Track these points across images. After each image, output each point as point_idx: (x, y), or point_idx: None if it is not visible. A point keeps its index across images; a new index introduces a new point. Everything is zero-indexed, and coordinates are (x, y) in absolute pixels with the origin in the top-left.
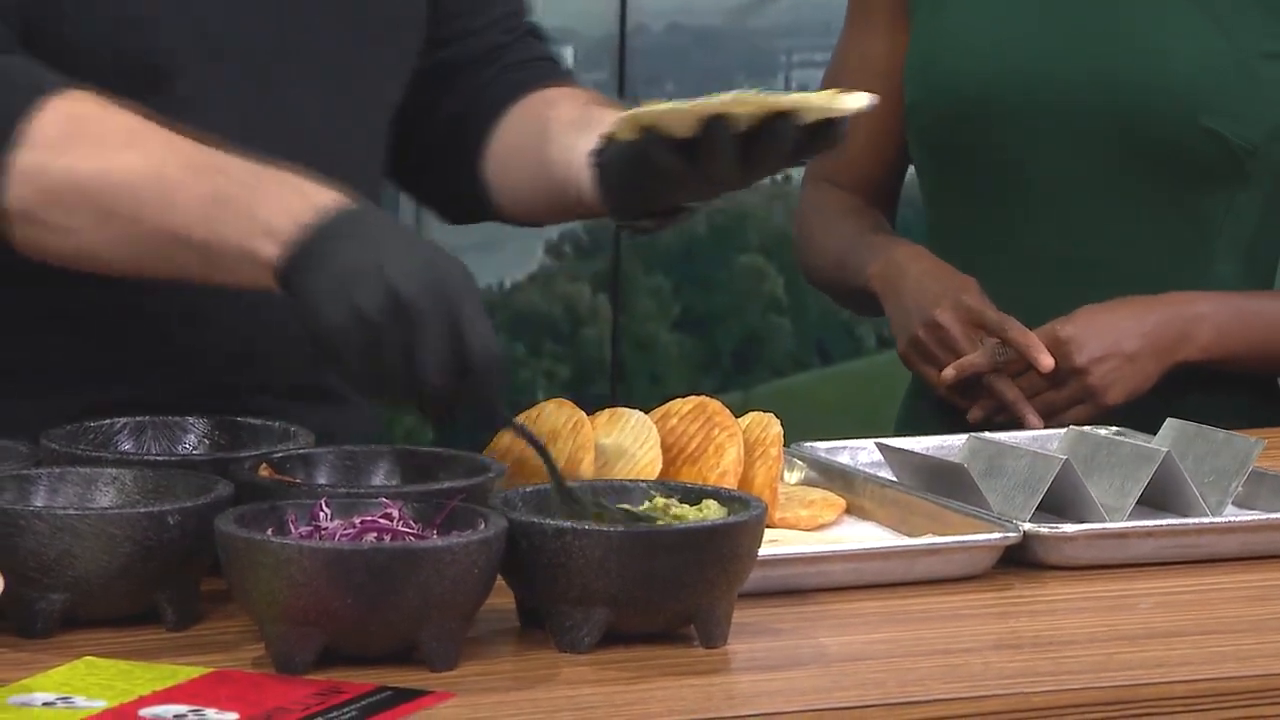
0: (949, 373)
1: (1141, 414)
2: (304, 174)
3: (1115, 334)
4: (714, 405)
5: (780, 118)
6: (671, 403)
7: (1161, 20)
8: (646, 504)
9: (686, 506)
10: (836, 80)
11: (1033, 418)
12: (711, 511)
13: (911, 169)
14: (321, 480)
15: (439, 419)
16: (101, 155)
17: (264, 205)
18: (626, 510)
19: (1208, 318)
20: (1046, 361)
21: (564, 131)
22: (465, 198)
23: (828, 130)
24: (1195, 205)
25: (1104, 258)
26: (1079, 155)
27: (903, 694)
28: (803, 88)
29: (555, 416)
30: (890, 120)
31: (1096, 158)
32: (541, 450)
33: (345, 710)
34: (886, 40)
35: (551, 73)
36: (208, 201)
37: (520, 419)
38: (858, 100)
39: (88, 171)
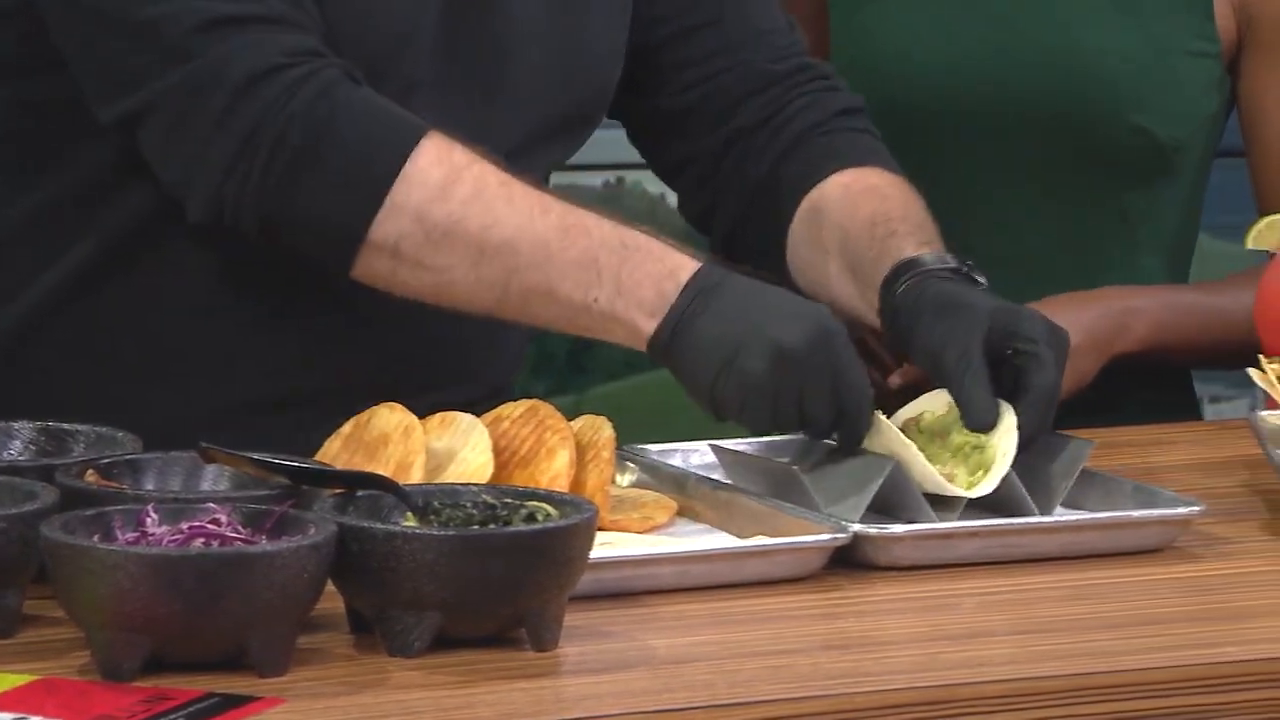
0: (895, 379)
1: (1080, 410)
2: (656, 236)
3: None
4: (546, 408)
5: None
6: (503, 406)
7: (1087, 19)
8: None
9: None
10: None
11: None
12: (543, 515)
13: None
14: (149, 486)
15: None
16: (482, 207)
17: (632, 275)
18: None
19: (1143, 311)
20: None
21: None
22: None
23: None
24: (1122, 201)
25: (1032, 254)
26: (1006, 153)
27: (730, 695)
28: None
29: (387, 420)
30: None
31: (1024, 155)
32: None
33: (173, 717)
34: (808, 38)
35: (863, 152)
36: (578, 265)
37: (350, 423)
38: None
39: (470, 221)
